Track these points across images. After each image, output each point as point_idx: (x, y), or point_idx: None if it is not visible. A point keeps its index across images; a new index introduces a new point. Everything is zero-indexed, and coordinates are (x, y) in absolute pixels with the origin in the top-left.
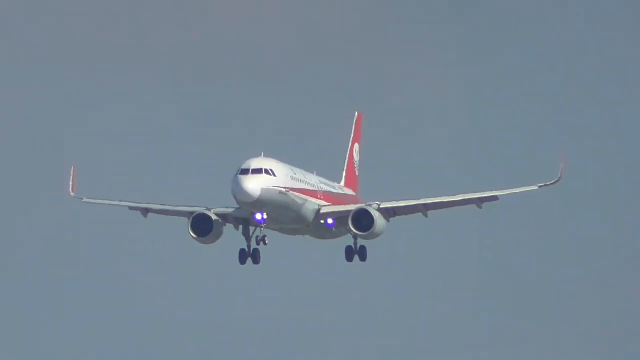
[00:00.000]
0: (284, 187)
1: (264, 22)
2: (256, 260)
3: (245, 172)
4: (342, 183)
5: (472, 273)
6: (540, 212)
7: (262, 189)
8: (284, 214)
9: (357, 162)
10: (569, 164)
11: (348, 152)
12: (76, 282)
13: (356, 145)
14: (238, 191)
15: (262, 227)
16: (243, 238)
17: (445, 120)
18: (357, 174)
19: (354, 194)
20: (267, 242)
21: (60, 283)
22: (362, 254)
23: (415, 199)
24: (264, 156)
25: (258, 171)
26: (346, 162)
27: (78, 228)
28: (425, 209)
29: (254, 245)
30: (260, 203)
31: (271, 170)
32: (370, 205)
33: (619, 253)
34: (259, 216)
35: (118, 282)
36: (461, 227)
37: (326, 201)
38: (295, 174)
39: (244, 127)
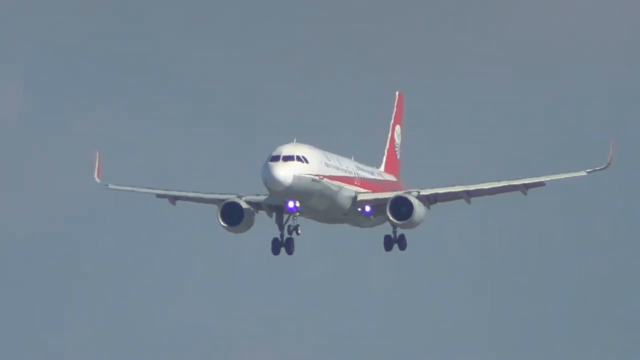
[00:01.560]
0: (317, 175)
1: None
2: (290, 250)
3: (276, 158)
4: (382, 168)
5: (516, 263)
6: (588, 199)
7: (294, 177)
8: (318, 202)
9: (399, 146)
10: (619, 149)
11: (389, 135)
12: (103, 272)
13: (397, 128)
14: (269, 179)
15: (295, 215)
16: (276, 226)
17: (491, 103)
18: (398, 158)
19: (394, 179)
20: (299, 232)
21: (86, 273)
22: (402, 243)
23: (457, 185)
24: (296, 142)
25: (290, 158)
26: (387, 146)
27: (104, 216)
28: (468, 195)
29: (287, 234)
30: (292, 191)
31: (303, 157)
32: (409, 192)
33: None
34: (291, 204)
35: (146, 273)
36: (505, 215)
37: (364, 188)
38: (329, 160)
39: (278, 110)
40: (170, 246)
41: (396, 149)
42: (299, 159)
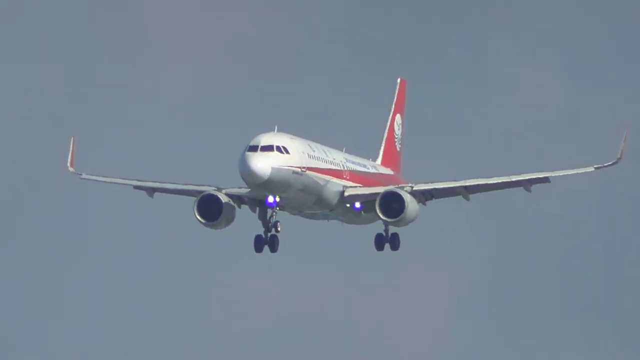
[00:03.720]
0: (299, 167)
1: None
2: (273, 248)
3: (254, 148)
4: (379, 161)
5: (519, 264)
6: (596, 196)
7: (273, 169)
8: (302, 197)
9: (399, 137)
10: (631, 143)
11: (388, 125)
12: (72, 270)
13: (398, 117)
14: (245, 171)
15: (275, 211)
16: (260, 222)
17: (497, 94)
18: (398, 150)
19: (392, 173)
20: (279, 228)
21: (54, 271)
22: (394, 242)
23: (455, 180)
24: (277, 130)
25: (268, 148)
26: (385, 137)
27: (76, 208)
28: (466, 191)
29: (274, 232)
30: (271, 184)
31: (284, 147)
32: (401, 186)
33: None
34: (271, 199)
35: (119, 271)
36: (507, 213)
37: (354, 182)
38: (313, 150)
39: (268, 97)
40: (146, 243)
41: (396, 140)
42: (278, 149)
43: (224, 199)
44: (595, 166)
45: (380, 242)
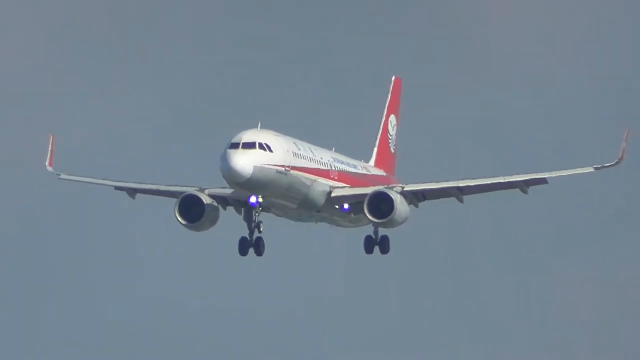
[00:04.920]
0: (283, 165)
1: None
2: (259, 251)
3: (236, 146)
4: (372, 162)
5: (513, 268)
6: (596, 198)
7: (255, 167)
8: (286, 197)
9: (393, 137)
10: (632, 143)
11: (382, 125)
12: (51, 274)
13: (392, 117)
14: (226, 169)
15: (257, 211)
16: (245, 224)
17: (495, 93)
18: (392, 151)
19: (384, 174)
20: (262, 229)
21: (32, 274)
22: (384, 245)
23: (448, 181)
24: (261, 127)
25: (250, 145)
26: (378, 137)
27: (54, 210)
28: (460, 192)
29: (257, 233)
30: (253, 183)
31: (267, 144)
32: (391, 187)
33: None
34: (253, 199)
35: (99, 274)
36: (503, 215)
37: (342, 182)
38: (299, 149)
39: (257, 94)
40: (126, 245)
41: (390, 140)
42: (261, 146)
43: (206, 199)
44: (595, 166)
45: (369, 244)
